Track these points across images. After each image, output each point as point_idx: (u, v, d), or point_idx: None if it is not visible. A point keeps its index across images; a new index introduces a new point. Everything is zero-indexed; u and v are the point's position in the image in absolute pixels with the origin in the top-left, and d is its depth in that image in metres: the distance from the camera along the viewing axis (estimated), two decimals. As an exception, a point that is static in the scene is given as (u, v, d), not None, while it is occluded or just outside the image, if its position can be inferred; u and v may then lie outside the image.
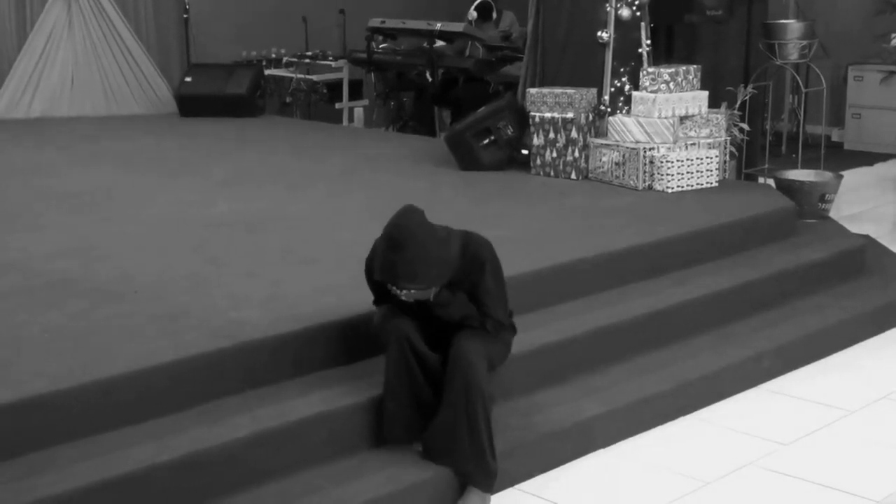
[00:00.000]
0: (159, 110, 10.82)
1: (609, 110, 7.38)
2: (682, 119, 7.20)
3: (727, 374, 5.26)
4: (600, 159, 7.27)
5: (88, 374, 3.92)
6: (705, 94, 7.30)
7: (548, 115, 7.41)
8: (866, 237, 7.06)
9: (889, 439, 4.80)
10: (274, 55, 11.82)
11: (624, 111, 7.39)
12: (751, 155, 8.24)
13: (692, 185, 7.05)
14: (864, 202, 8.49)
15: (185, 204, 6.72)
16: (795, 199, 7.01)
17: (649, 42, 7.41)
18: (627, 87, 7.41)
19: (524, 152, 7.72)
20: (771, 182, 7.68)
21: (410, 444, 4.24)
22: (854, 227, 7.22)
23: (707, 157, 7.10)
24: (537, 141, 7.49)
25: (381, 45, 10.78)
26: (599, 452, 4.67)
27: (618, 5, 7.30)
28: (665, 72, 7.12)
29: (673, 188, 6.99)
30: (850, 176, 8.04)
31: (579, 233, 5.97)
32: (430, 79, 10.11)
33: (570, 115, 7.32)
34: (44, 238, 5.88)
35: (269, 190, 7.15)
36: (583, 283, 5.47)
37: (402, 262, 3.91)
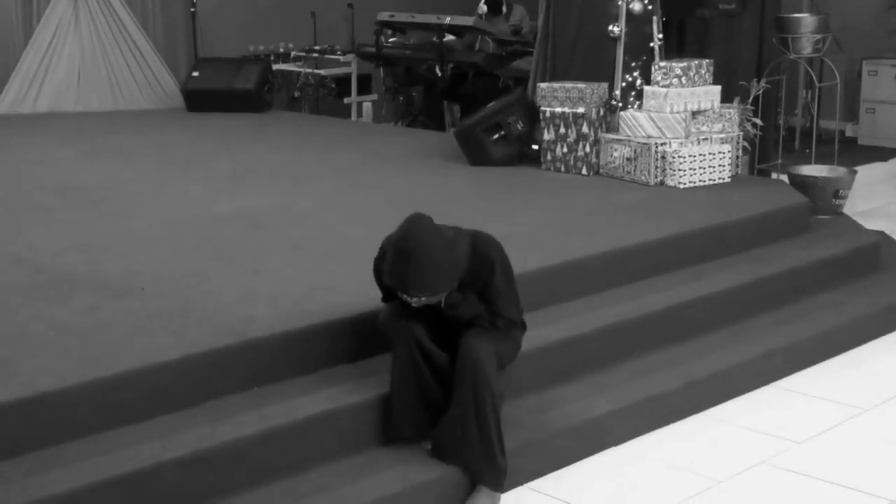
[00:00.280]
0: (166, 105, 10.84)
1: (620, 105, 7.37)
2: (695, 114, 7.19)
3: (740, 372, 5.25)
4: (611, 154, 7.25)
5: (94, 371, 3.92)
6: (718, 88, 7.28)
7: (558, 109, 7.40)
8: (880, 233, 7.04)
9: (904, 438, 4.79)
10: (282, 49, 11.83)
11: (635, 106, 7.37)
12: (764, 150, 8.22)
13: (704, 181, 7.04)
14: (878, 198, 8.46)
15: (192, 199, 6.72)
16: (809, 194, 6.99)
17: (661, 36, 7.40)
18: (639, 81, 7.39)
19: (534, 147, 7.71)
20: (784, 178, 7.67)
21: (419, 442, 4.24)
22: (868, 224, 7.20)
23: (719, 153, 7.08)
24: (548, 136, 7.48)
25: (390, 40, 10.78)
26: (611, 450, 4.66)
27: (629, -1, 7.29)
28: (677, 66, 7.11)
29: (685, 184, 6.97)
30: (865, 171, 8.02)
31: (590, 229, 5.96)
32: (439, 73, 10.10)
33: (580, 109, 7.31)
34: (49, 233, 5.89)
35: (277, 185, 7.15)
36: (593, 280, 5.46)
37: (411, 272, 3.91)
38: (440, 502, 4.10)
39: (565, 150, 7.42)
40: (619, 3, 7.30)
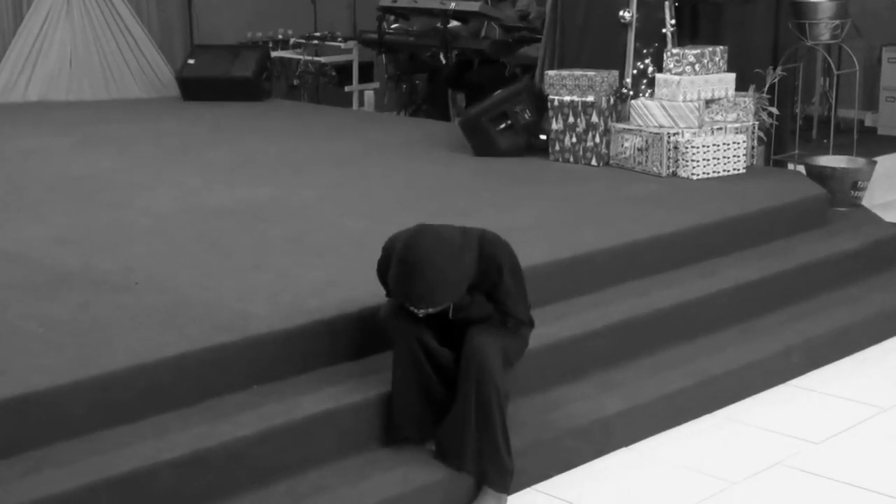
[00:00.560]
0: (161, 93, 10.85)
1: (631, 93, 7.37)
2: (708, 103, 7.19)
3: (754, 370, 5.26)
4: (622, 145, 7.26)
5: (88, 369, 3.93)
6: (732, 76, 7.28)
7: (567, 98, 7.41)
8: (901, 226, 7.04)
9: (924, 438, 4.80)
10: (281, 36, 11.83)
11: (647, 94, 7.37)
12: (780, 140, 8.22)
13: (718, 172, 7.04)
14: (898, 190, 8.46)
15: (188, 191, 6.73)
16: (826, 186, 6.99)
17: (674, 22, 7.39)
18: (651, 69, 7.39)
19: (542, 137, 7.71)
20: (801, 169, 7.67)
21: (422, 443, 4.25)
22: (888, 216, 7.19)
23: (734, 143, 7.08)
24: (556, 126, 7.48)
25: (392, 26, 10.77)
26: (620, 451, 4.67)
27: (640, -17, 7.30)
28: (690, 53, 7.11)
29: (698, 175, 6.98)
30: (884, 162, 8.00)
31: (599, 222, 5.96)
32: (443, 61, 10.10)
33: (590, 98, 7.32)
34: (41, 226, 5.91)
35: (276, 177, 7.16)
36: (603, 275, 5.47)
37: (418, 288, 3.93)
38: (444, 504, 4.12)
39: (574, 140, 7.42)
40: (630, -13, 7.31)
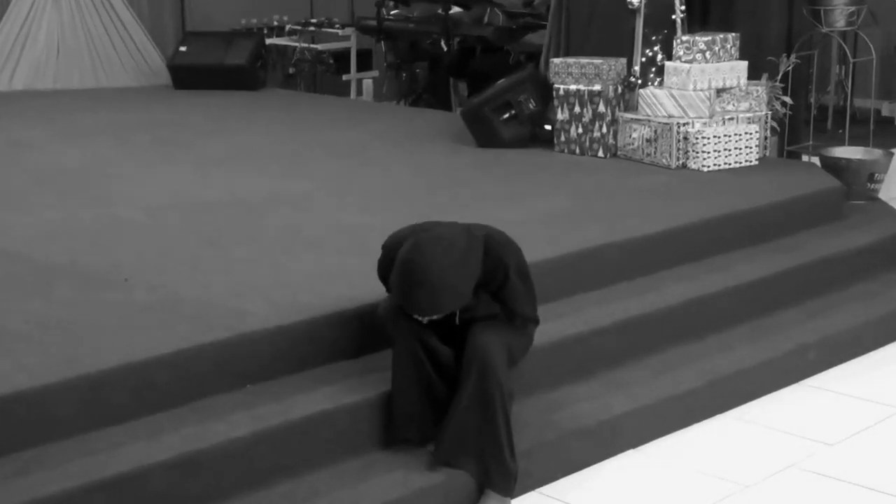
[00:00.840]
0: (151, 82, 10.84)
1: (640, 82, 7.36)
2: (719, 92, 7.18)
3: (766, 369, 5.26)
4: (630, 135, 7.25)
5: (75, 368, 3.93)
6: (744, 64, 7.27)
7: (573, 87, 7.40)
8: (920, 220, 7.04)
9: (943, 440, 4.80)
10: (276, 23, 11.82)
11: (656, 83, 7.37)
12: (794, 131, 8.21)
13: (730, 164, 7.04)
14: (917, 182, 8.45)
15: (180, 184, 6.74)
16: (842, 178, 6.99)
17: (684, 8, 7.38)
18: (660, 56, 7.39)
19: (547, 128, 7.71)
20: (815, 160, 7.66)
21: (423, 444, 4.25)
22: (906, 210, 7.20)
23: (746, 133, 7.08)
24: (561, 115, 7.48)
25: (392, 12, 10.77)
26: (628, 453, 4.67)
27: (649, -32, 7.29)
28: (701, 40, 7.10)
29: (709, 167, 6.98)
30: (902, 153, 8.00)
31: (606, 215, 5.96)
32: (445, 48, 10.10)
33: (597, 87, 7.31)
34: (27, 220, 5.91)
35: (271, 169, 7.16)
36: (610, 271, 5.47)
37: (422, 298, 3.94)
38: (446, 508, 4.12)
39: (580, 130, 7.42)
40: (639, -28, 7.31)
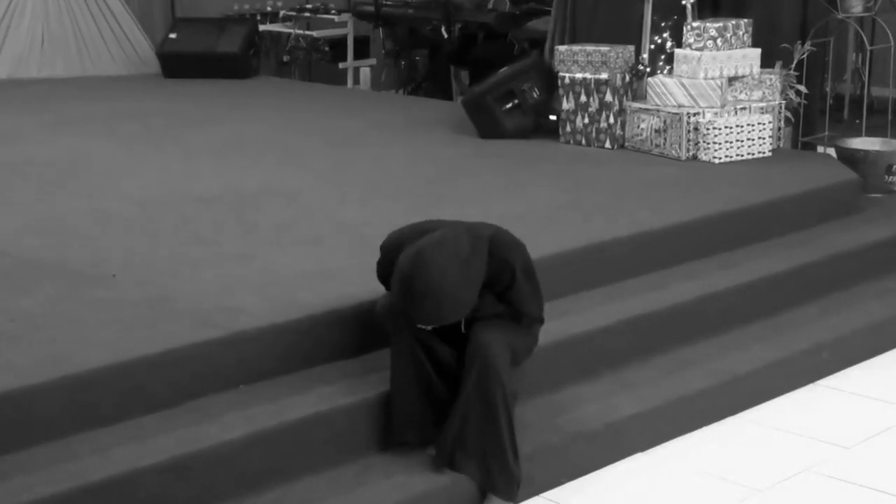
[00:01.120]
0: (140, 71, 10.83)
1: (648, 70, 7.37)
2: (731, 80, 7.19)
3: (780, 369, 5.26)
4: (638, 126, 7.26)
5: (61, 367, 3.94)
6: (757, 51, 7.28)
7: (579, 75, 7.40)
8: (939, 214, 7.04)
9: (963, 442, 4.81)
10: (269, 8, 11.81)
11: (665, 71, 7.37)
12: (808, 121, 8.21)
13: (742, 155, 7.04)
14: (937, 174, 8.46)
15: (170, 176, 6.74)
16: (859, 170, 6.99)
17: (694, -7, 7.40)
18: (669, 44, 7.39)
19: (552, 118, 7.71)
20: (831, 151, 7.66)
21: (423, 446, 4.26)
22: (925, 203, 7.20)
23: (759, 124, 7.08)
24: (567, 105, 7.48)
25: (390, -3, 10.78)
26: (636, 457, 4.68)
27: (658, -49, 7.30)
28: (712, 26, 7.10)
29: (720, 159, 6.98)
30: (922, 144, 8.00)
31: (613, 209, 5.97)
32: (445, 35, 10.10)
33: (603, 75, 7.31)
34: (12, 214, 5.91)
35: (265, 160, 7.17)
36: (617, 266, 5.47)
37: (425, 309, 3.94)
38: (446, 513, 4.13)
39: (586, 120, 7.42)
40: (647, -44, 7.31)
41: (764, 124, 7.10)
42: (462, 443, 4.13)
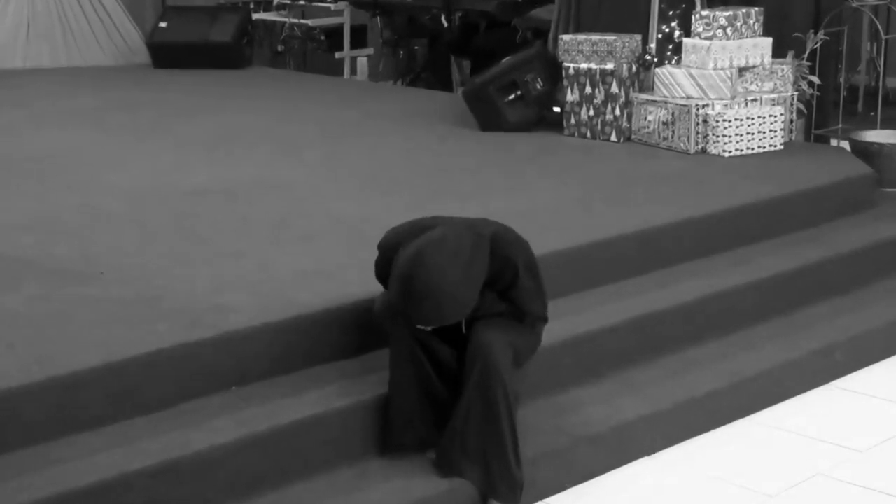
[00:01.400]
0: (129, 61, 10.83)
1: (656, 60, 7.36)
2: (742, 71, 7.18)
3: (792, 370, 5.27)
4: (645, 118, 7.26)
5: (46, 369, 3.93)
6: (769, 41, 7.27)
7: (584, 66, 7.40)
8: (957, 210, 7.03)
9: (982, 446, 4.81)
10: (263, -4, 11.82)
11: (673, 61, 7.37)
12: (822, 113, 8.20)
13: (752, 149, 7.04)
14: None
15: (160, 170, 6.74)
16: (874, 164, 6.99)
17: (703, -20, 7.40)
18: (677, 33, 7.38)
19: (556, 110, 7.71)
20: (845, 145, 7.66)
21: (422, 450, 4.26)
22: (942, 198, 7.20)
23: (770, 116, 7.08)
24: (571, 97, 7.48)
25: (388, -15, 10.77)
26: (642, 461, 4.68)
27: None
28: (721, 15, 7.10)
29: (730, 152, 6.98)
30: (939, 137, 8.01)
31: (619, 204, 5.97)
32: (446, 23, 10.10)
33: (609, 66, 7.31)
34: (-4, 210, 5.92)
35: (258, 154, 7.17)
36: (623, 264, 5.47)
37: (426, 311, 3.94)
38: (446, 520, 4.13)
39: (591, 112, 7.42)
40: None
41: (775, 116, 7.10)
42: (463, 446, 4.13)
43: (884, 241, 6.26)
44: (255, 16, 11.30)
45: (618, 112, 7.32)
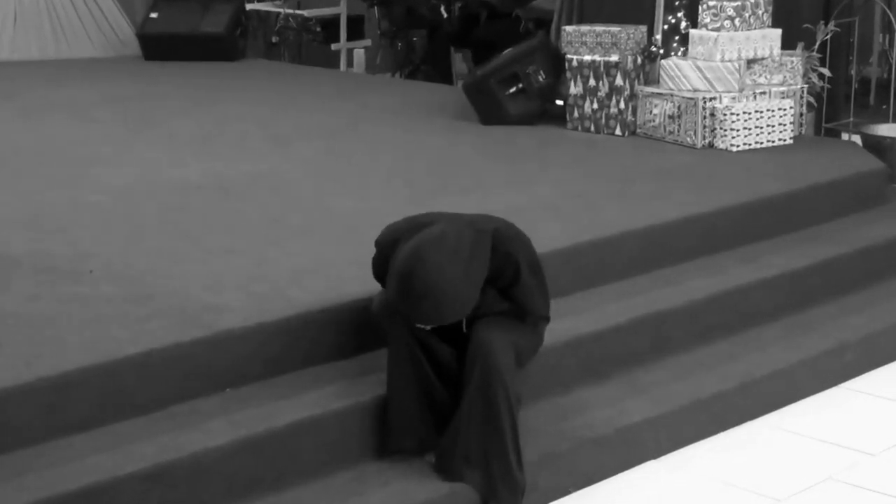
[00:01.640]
0: (119, 53, 10.83)
1: (661, 52, 7.37)
2: (750, 63, 7.19)
3: (802, 371, 5.27)
4: (651, 111, 7.26)
5: (35, 369, 3.94)
6: (778, 32, 7.28)
7: (587, 58, 7.40)
8: (971, 206, 7.04)
9: None
10: (257, -14, 11.82)
11: (679, 53, 7.37)
12: (832, 106, 8.22)
13: (761, 143, 7.05)
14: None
15: (151, 165, 6.74)
16: (886, 159, 6.99)
17: (710, -31, 7.39)
18: (684, 23, 7.39)
19: (559, 103, 7.71)
20: (856, 139, 7.66)
21: (421, 453, 4.26)
22: (957, 194, 7.20)
23: (780, 109, 7.08)
24: (574, 89, 7.48)
25: (386, -26, 10.78)
26: (648, 464, 4.68)
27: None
28: (729, 5, 7.10)
29: (738, 146, 6.98)
30: (953, 131, 8.01)
31: (624, 200, 5.97)
32: (445, 14, 10.10)
33: (614, 58, 7.31)
34: (-18, 206, 5.92)
35: (252, 148, 7.17)
36: (628, 261, 5.48)
37: (426, 309, 3.94)
38: (446, 525, 4.14)
39: (595, 106, 7.42)
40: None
41: (785, 110, 7.10)
42: (463, 449, 4.13)
43: (895, 238, 6.26)
44: (248, 6, 11.28)
45: (622, 105, 7.33)
